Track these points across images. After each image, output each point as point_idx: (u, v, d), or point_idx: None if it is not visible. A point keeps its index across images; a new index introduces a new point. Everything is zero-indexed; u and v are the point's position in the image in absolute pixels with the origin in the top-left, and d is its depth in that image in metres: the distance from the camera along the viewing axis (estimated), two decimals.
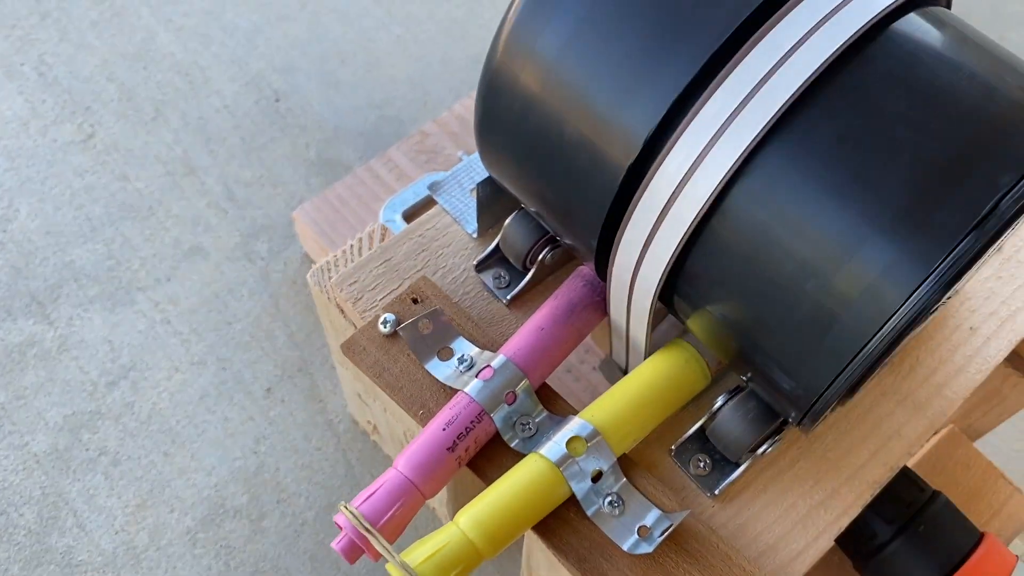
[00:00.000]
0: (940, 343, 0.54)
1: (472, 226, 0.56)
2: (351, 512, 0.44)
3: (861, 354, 0.38)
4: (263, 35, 1.04)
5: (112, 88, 0.99)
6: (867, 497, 0.49)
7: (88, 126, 0.97)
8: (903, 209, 0.37)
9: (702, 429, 0.49)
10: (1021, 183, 0.36)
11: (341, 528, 0.44)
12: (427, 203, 0.82)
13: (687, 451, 0.49)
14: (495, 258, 0.55)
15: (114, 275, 0.88)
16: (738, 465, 0.48)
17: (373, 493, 0.45)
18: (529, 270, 0.54)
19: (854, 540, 0.56)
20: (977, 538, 0.54)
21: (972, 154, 0.36)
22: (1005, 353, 0.54)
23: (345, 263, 0.59)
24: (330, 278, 0.58)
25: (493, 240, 0.55)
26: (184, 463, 0.79)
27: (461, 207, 0.58)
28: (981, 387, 0.63)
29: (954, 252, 0.36)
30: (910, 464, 0.64)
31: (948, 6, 0.44)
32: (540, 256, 0.53)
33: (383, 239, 0.60)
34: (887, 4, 0.38)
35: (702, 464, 0.48)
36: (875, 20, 0.38)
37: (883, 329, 0.37)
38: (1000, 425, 0.79)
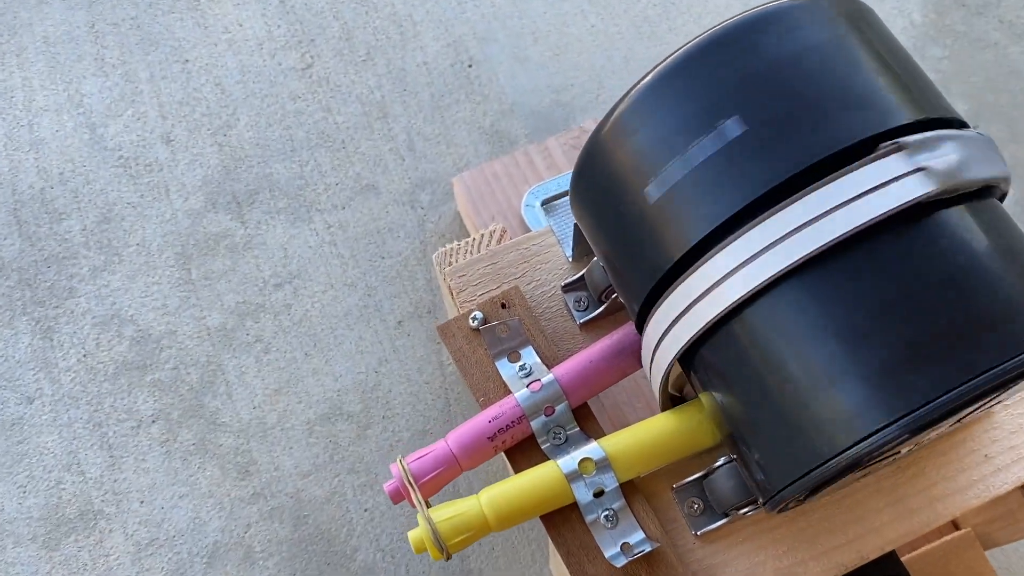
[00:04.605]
0: (951, 460, 0.59)
1: (570, 251, 0.66)
2: (403, 466, 0.56)
3: (819, 468, 0.45)
4: (472, 1, 1.15)
5: (336, 26, 1.14)
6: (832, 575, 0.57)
7: (309, 57, 1.12)
8: (886, 364, 0.43)
9: (701, 478, 0.57)
10: (991, 371, 0.42)
11: (394, 475, 0.57)
12: (565, 195, 0.92)
13: (686, 491, 0.58)
14: (580, 284, 0.65)
15: (301, 193, 1.03)
16: (724, 516, 0.56)
17: (423, 456, 0.57)
18: (604, 303, 0.63)
19: None
20: None
21: (954, 340, 0.42)
22: (1011, 487, 0.58)
23: (464, 255, 0.70)
24: (449, 265, 0.69)
25: (582, 269, 0.64)
26: (318, 365, 0.95)
27: (567, 230, 0.67)
28: (999, 506, 0.67)
29: (918, 411, 0.42)
30: (920, 551, 0.70)
31: (1002, 199, 0.48)
32: (614, 295, 0.62)
33: (500, 240, 0.71)
34: (915, 197, 0.44)
35: (695, 506, 0.57)
36: (907, 206, 0.44)
37: (844, 454, 0.44)
38: None
